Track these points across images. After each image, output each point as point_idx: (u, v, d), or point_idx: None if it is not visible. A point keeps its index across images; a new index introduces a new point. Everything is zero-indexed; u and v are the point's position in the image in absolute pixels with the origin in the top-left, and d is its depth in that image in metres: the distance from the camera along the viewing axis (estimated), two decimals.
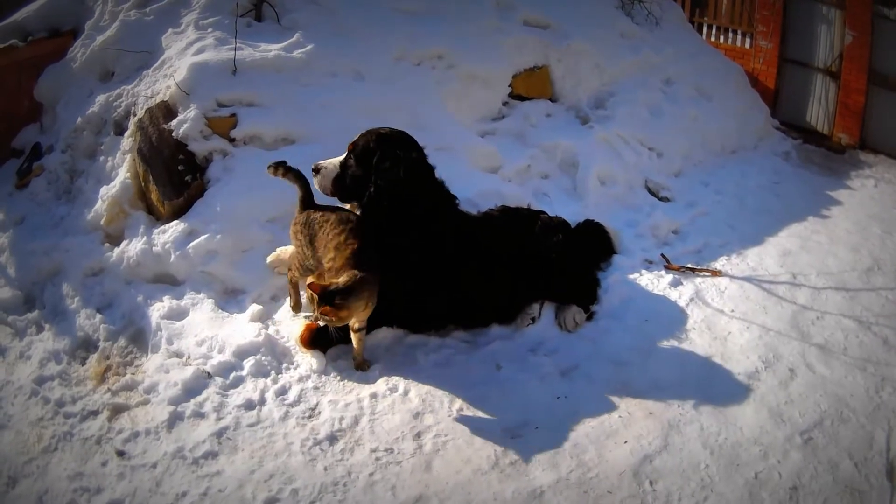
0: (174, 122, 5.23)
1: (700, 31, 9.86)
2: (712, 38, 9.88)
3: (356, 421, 3.81)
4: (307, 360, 4.20)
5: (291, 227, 4.28)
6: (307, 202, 4.28)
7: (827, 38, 8.70)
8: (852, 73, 8.44)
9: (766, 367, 4.25)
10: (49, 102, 6.44)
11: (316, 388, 4.04)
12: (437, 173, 4.51)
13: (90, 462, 3.64)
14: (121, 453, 3.66)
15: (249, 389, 4.02)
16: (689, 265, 5.36)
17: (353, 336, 4.10)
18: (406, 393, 4.00)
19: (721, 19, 9.82)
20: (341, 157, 4.44)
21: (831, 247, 5.80)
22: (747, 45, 9.51)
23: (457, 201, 4.60)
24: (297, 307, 4.47)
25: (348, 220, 4.06)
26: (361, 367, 4.16)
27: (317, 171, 4.46)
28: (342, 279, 3.77)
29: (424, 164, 4.44)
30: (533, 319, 4.63)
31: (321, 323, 3.95)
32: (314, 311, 3.80)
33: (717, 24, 9.89)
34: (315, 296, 3.72)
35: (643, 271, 5.28)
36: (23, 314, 4.80)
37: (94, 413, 3.95)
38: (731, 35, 9.76)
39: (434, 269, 4.34)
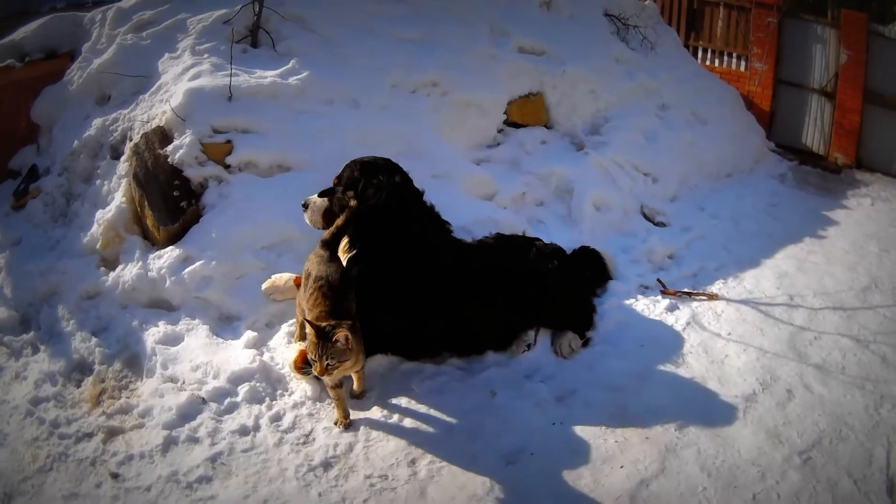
0: (170, 148, 5.23)
1: (695, 54, 9.93)
2: (707, 62, 9.94)
3: (351, 447, 3.79)
4: (302, 387, 4.18)
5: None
6: (329, 243, 4.15)
7: (822, 57, 8.76)
8: (847, 93, 8.50)
9: (763, 389, 4.24)
10: (46, 124, 6.46)
11: (310, 414, 4.03)
12: (433, 200, 4.53)
13: (85, 483, 3.63)
14: (115, 475, 3.65)
15: (244, 415, 4.00)
16: (686, 289, 5.36)
17: (353, 374, 4.08)
18: (401, 419, 3.99)
19: (716, 42, 9.88)
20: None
21: (828, 267, 5.83)
22: (742, 68, 9.58)
23: (449, 226, 4.61)
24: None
25: (320, 278, 3.91)
26: (358, 397, 4.14)
27: (306, 206, 4.49)
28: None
29: (409, 188, 4.45)
30: (528, 346, 4.60)
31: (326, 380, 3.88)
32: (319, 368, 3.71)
33: (712, 47, 9.96)
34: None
35: (639, 296, 5.28)
36: (18, 335, 4.79)
37: (89, 435, 3.94)
38: (726, 58, 9.83)
39: (427, 294, 4.33)
